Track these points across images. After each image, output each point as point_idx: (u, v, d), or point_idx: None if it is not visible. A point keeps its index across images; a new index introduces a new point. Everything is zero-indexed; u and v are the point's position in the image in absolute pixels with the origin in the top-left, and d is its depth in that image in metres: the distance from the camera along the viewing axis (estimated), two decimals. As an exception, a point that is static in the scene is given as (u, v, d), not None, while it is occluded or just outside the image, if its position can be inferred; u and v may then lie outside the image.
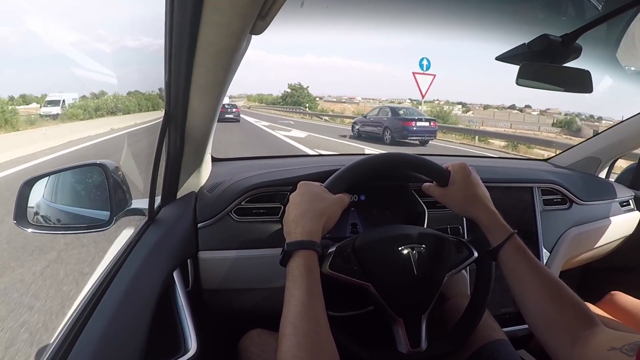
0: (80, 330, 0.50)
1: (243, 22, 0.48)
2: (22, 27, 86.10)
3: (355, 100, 45.04)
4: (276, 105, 38.88)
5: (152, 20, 14.38)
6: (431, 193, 0.70)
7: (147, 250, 0.69)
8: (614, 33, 0.98)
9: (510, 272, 0.60)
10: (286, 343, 0.45)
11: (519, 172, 1.15)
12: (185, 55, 0.55)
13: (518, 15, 1.04)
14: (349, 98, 46.57)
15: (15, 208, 0.68)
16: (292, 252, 0.53)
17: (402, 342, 0.60)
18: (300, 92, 38.34)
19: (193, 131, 0.76)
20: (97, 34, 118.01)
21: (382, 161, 0.69)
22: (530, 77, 0.78)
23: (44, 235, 0.91)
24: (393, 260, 0.60)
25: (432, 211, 0.89)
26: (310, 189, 0.61)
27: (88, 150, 8.25)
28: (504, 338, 0.68)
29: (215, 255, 0.82)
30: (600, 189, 1.24)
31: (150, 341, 0.53)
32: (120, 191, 0.76)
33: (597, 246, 1.19)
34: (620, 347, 0.43)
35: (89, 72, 21.47)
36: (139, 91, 27.90)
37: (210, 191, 0.89)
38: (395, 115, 11.19)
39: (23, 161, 6.67)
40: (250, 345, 0.71)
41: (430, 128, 10.72)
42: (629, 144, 1.31)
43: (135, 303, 0.57)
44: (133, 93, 28.13)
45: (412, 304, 0.61)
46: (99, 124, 14.22)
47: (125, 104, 24.77)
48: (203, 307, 0.85)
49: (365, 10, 1.18)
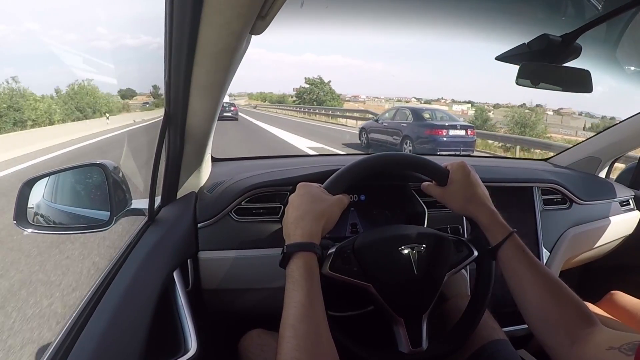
0: (81, 330, 0.50)
1: (243, 22, 0.48)
2: (21, 26, 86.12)
3: (360, 99, 43.56)
4: (285, 104, 33.30)
5: (151, 20, 14.28)
6: (431, 192, 0.70)
7: (147, 250, 0.69)
8: (614, 33, 0.98)
9: (510, 271, 0.60)
10: (286, 345, 0.45)
11: (518, 171, 1.15)
12: (185, 55, 0.55)
13: (518, 15, 1.04)
14: (353, 96, 44.71)
15: (15, 208, 0.68)
16: (291, 253, 0.53)
17: (403, 342, 0.60)
18: (321, 88, 31.57)
19: (193, 131, 0.76)
20: (97, 32, 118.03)
21: (381, 161, 0.69)
22: (530, 76, 0.78)
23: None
24: (393, 260, 0.60)
25: (432, 211, 0.89)
26: (310, 190, 0.61)
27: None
28: (504, 338, 0.68)
29: (215, 255, 0.82)
30: (600, 189, 1.24)
31: (150, 341, 0.53)
32: (120, 191, 0.75)
33: (597, 246, 1.19)
34: (619, 347, 0.43)
35: (89, 71, 21.49)
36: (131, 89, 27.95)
37: (210, 191, 0.89)
38: (418, 120, 8.31)
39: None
40: (251, 346, 0.71)
41: (467, 138, 7.95)
42: (629, 143, 1.31)
43: (135, 303, 0.57)
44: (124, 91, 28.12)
45: (412, 303, 0.61)
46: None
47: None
48: (203, 307, 0.85)
49: (365, 9, 1.18)
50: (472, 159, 1.54)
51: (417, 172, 0.72)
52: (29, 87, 18.53)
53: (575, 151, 1.43)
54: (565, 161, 1.42)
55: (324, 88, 31.31)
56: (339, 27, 1.52)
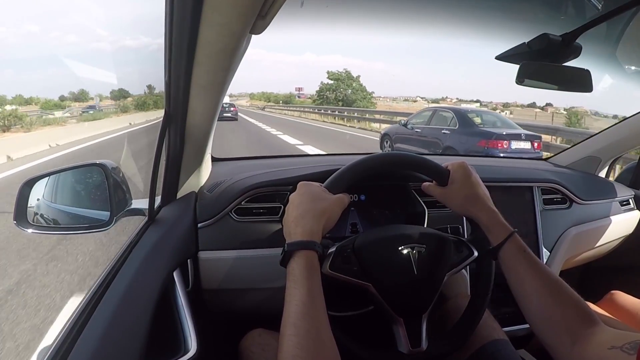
0: (81, 330, 0.50)
1: (243, 22, 0.48)
2: (22, 28, 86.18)
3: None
4: (292, 104, 27.92)
5: (151, 20, 13.95)
6: (431, 192, 0.70)
7: (147, 250, 0.69)
8: (614, 32, 0.98)
9: (511, 272, 0.60)
10: (287, 343, 0.45)
11: (518, 171, 1.15)
12: (185, 55, 0.55)
13: (518, 15, 1.04)
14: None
15: (15, 208, 0.68)
16: (292, 252, 0.53)
17: (403, 342, 0.60)
18: (348, 84, 24.73)
19: (193, 131, 0.76)
20: (97, 34, 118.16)
21: (381, 161, 0.69)
22: (530, 76, 0.78)
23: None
24: (393, 260, 0.60)
25: (432, 211, 0.89)
26: (310, 189, 0.61)
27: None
28: (504, 338, 0.68)
29: (215, 255, 0.82)
30: (600, 188, 1.24)
31: (150, 341, 0.53)
32: (120, 191, 0.75)
33: (597, 245, 1.19)
34: (621, 346, 0.43)
35: (89, 72, 20.86)
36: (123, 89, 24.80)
37: (210, 191, 0.89)
38: (465, 126, 6.01)
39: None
40: (252, 345, 0.71)
41: (532, 152, 5.76)
42: (629, 143, 1.31)
43: (135, 303, 0.57)
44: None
45: (412, 303, 0.61)
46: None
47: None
48: (203, 307, 0.85)
49: (366, 9, 1.18)
50: (473, 158, 1.54)
51: (418, 172, 0.72)
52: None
53: (575, 151, 1.43)
54: (565, 161, 1.42)
55: (352, 84, 24.82)
56: (339, 27, 1.52)
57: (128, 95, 29.10)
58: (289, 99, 39.26)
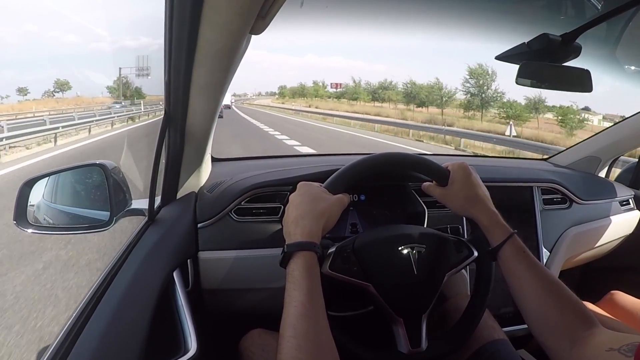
0: (81, 330, 0.50)
1: (243, 22, 0.48)
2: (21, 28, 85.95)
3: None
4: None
5: (151, 20, 13.88)
6: (431, 193, 0.70)
7: (147, 250, 0.69)
8: (614, 32, 0.98)
9: (510, 273, 0.60)
10: (286, 345, 0.45)
11: (518, 171, 1.15)
12: (185, 55, 0.55)
13: (518, 15, 1.04)
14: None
15: (15, 208, 0.68)
16: (292, 253, 0.53)
17: (403, 342, 0.60)
18: (488, 84, 17.87)
19: (193, 131, 0.76)
20: (96, 33, 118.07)
21: (381, 161, 0.69)
22: (529, 76, 0.78)
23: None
24: (393, 260, 0.60)
25: (432, 211, 0.89)
26: (310, 189, 0.61)
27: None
28: (504, 338, 0.68)
29: (215, 255, 0.82)
30: (600, 188, 1.24)
31: (150, 341, 0.53)
32: (120, 191, 0.76)
33: (597, 245, 1.19)
34: (619, 348, 0.43)
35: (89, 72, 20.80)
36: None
37: (210, 191, 0.89)
38: None
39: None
40: (252, 345, 0.71)
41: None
42: (629, 143, 1.31)
43: (135, 303, 0.57)
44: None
45: (412, 304, 0.61)
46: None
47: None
48: (203, 307, 0.85)
49: (366, 10, 1.18)
50: (473, 158, 1.54)
51: (418, 172, 0.72)
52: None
53: (575, 151, 1.42)
54: (565, 161, 1.42)
55: (491, 84, 18.52)
56: (339, 27, 1.52)
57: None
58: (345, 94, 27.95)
